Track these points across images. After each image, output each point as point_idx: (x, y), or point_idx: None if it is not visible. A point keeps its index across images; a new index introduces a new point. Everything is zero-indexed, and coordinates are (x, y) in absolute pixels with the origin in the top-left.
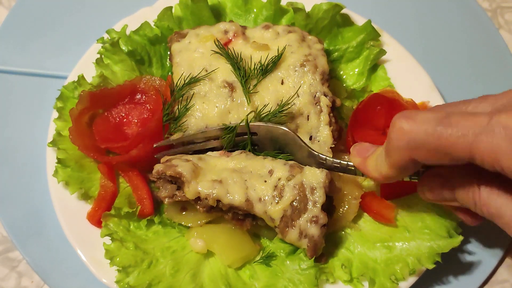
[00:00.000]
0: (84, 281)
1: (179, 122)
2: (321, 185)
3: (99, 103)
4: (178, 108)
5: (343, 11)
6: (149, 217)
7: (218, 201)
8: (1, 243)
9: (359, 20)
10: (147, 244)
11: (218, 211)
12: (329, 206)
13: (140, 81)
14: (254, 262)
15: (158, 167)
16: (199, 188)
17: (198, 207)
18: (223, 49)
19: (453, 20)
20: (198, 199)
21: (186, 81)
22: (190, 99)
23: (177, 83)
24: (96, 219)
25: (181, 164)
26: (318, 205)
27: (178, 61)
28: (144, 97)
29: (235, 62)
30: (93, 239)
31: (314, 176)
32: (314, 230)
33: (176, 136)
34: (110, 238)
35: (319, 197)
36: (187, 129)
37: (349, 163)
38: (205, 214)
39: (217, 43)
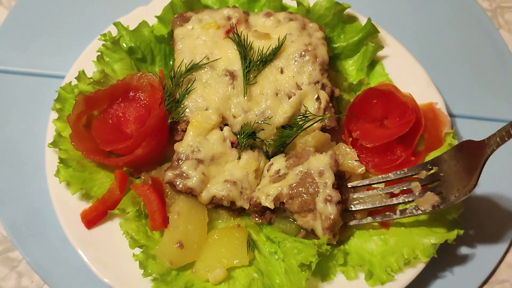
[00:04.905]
0: (84, 281)
1: (180, 106)
2: (328, 167)
3: (95, 105)
4: (179, 92)
5: (347, 11)
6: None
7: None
8: (1, 243)
9: (358, 18)
10: None
11: (223, 208)
12: (341, 186)
13: (132, 79)
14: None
15: (169, 176)
16: (214, 191)
17: (209, 206)
18: (239, 38)
19: (453, 20)
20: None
21: (188, 67)
22: (192, 83)
23: (177, 69)
24: (87, 220)
25: (191, 175)
26: (329, 185)
27: (180, 48)
28: (138, 94)
29: (245, 52)
30: (93, 239)
31: (320, 161)
32: (330, 209)
33: None
34: (139, 247)
35: (328, 178)
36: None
37: None
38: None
39: (234, 31)
